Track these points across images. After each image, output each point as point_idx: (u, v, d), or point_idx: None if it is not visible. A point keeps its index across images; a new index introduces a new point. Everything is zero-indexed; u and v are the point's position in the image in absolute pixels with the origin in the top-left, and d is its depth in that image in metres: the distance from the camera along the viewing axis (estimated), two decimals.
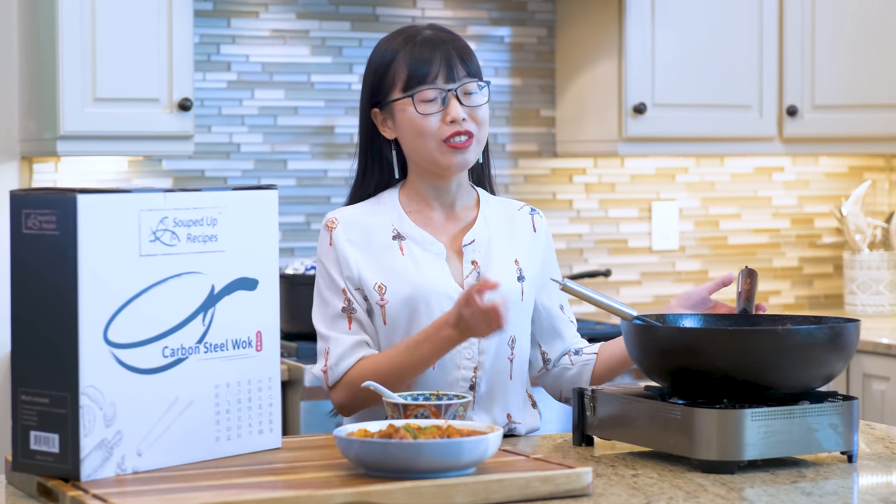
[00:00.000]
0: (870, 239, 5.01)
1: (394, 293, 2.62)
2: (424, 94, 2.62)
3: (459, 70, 2.64)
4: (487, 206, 2.75)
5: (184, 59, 4.00)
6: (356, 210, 2.70)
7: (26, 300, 2.14)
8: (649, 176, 4.96)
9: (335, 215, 2.68)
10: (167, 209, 2.20)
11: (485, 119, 2.66)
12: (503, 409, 2.67)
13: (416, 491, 2.03)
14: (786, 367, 2.32)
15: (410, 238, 2.66)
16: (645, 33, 4.51)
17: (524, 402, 2.72)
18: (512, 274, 2.68)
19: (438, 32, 2.67)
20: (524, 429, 2.70)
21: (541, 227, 2.79)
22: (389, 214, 2.68)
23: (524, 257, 2.73)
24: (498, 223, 2.74)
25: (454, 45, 2.66)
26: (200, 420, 2.25)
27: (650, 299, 4.96)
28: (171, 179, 4.37)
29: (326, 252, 2.66)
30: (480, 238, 2.70)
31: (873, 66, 4.76)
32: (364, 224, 2.66)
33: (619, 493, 2.16)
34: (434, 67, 2.62)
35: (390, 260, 2.64)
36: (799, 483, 2.24)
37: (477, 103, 2.65)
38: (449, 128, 2.62)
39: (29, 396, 2.13)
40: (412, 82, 2.63)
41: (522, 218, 2.78)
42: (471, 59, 2.66)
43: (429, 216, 2.70)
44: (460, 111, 2.62)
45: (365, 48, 4.54)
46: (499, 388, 2.66)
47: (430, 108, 2.62)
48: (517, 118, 4.77)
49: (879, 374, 4.32)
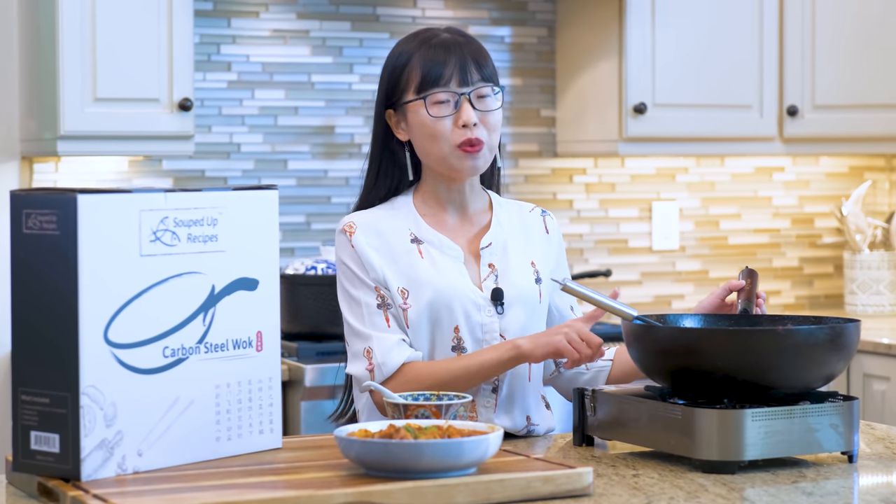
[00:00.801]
0: (870, 239, 5.01)
1: (417, 298, 2.61)
2: (437, 97, 2.62)
3: (473, 74, 2.63)
4: (500, 208, 2.75)
5: (184, 59, 4.00)
6: (372, 214, 2.68)
7: (27, 300, 2.14)
8: (649, 176, 4.96)
9: (352, 219, 2.66)
10: (167, 209, 2.20)
11: (497, 124, 2.65)
12: (522, 411, 2.67)
13: (417, 491, 2.03)
14: (786, 367, 2.32)
15: (428, 242, 2.65)
16: (645, 33, 4.51)
17: (539, 403, 2.72)
18: (530, 276, 2.69)
19: (455, 36, 2.67)
20: (542, 430, 2.70)
21: (552, 228, 2.80)
22: (405, 218, 2.67)
23: (539, 259, 2.73)
24: (512, 226, 2.74)
25: (470, 48, 2.65)
26: (201, 420, 2.25)
27: (650, 299, 4.96)
28: (172, 179, 4.37)
29: (349, 254, 2.63)
30: (497, 241, 2.70)
31: (873, 67, 4.76)
32: (381, 228, 2.65)
33: (620, 494, 2.16)
34: (448, 70, 2.62)
35: (411, 264, 2.62)
36: (799, 483, 2.24)
37: (490, 108, 2.64)
38: (461, 132, 2.61)
39: (29, 396, 2.13)
40: (425, 84, 2.62)
41: (535, 220, 2.78)
42: (486, 63, 2.65)
43: (443, 219, 2.70)
44: (472, 115, 2.61)
45: (365, 48, 4.54)
46: (518, 391, 2.67)
47: (442, 111, 2.62)
48: (517, 118, 4.77)
49: (880, 374, 4.32)
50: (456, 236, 2.68)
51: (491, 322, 2.63)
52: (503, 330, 2.63)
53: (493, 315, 2.63)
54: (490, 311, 2.63)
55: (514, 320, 2.64)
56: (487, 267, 2.67)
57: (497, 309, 2.63)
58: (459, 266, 2.65)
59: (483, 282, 2.65)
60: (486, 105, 2.64)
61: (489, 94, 2.64)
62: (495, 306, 2.63)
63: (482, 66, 2.64)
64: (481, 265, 2.67)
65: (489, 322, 2.62)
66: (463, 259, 2.66)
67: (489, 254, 2.68)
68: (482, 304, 2.62)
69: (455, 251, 2.66)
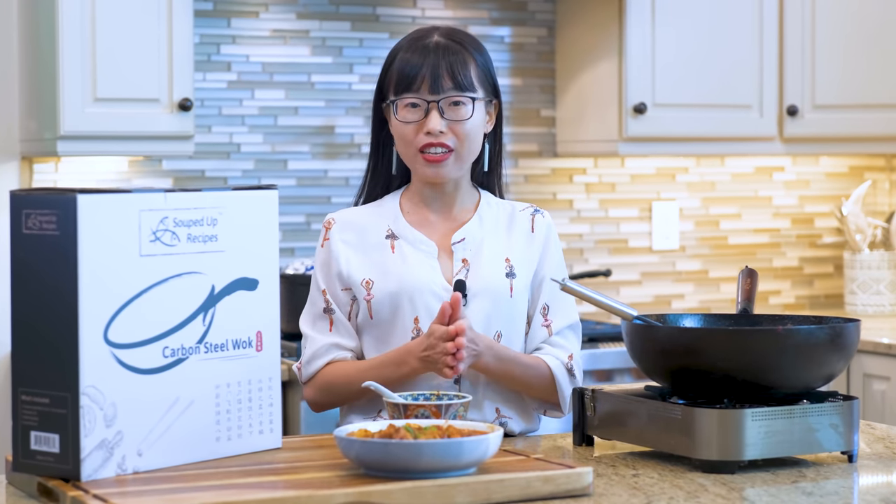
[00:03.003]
0: (870, 239, 5.00)
1: (379, 288, 2.65)
2: (407, 101, 2.65)
3: (446, 82, 2.64)
4: (487, 207, 2.76)
5: (184, 59, 4.00)
6: (356, 211, 2.75)
7: (26, 300, 2.14)
8: (649, 176, 4.96)
9: (334, 216, 2.74)
10: (167, 209, 2.20)
11: (469, 133, 2.66)
12: (492, 403, 2.67)
13: (417, 491, 2.03)
14: (786, 367, 2.32)
15: (403, 238, 2.69)
16: (645, 33, 4.51)
17: (516, 398, 2.71)
18: (500, 270, 2.69)
19: (444, 39, 2.68)
20: (517, 426, 2.69)
21: (540, 226, 2.77)
22: (387, 216, 2.72)
23: (517, 256, 2.72)
24: (495, 224, 2.74)
25: (451, 54, 2.66)
26: (201, 420, 2.25)
27: (650, 299, 4.96)
28: (172, 179, 4.37)
29: (318, 253, 2.72)
30: (472, 237, 2.71)
31: (873, 66, 4.76)
32: (360, 224, 2.71)
33: (620, 493, 2.16)
34: (420, 77, 2.64)
35: (381, 257, 2.68)
36: (799, 483, 2.24)
37: (461, 117, 2.65)
38: (425, 138, 2.64)
39: (29, 396, 2.13)
40: (399, 88, 2.66)
41: (523, 218, 2.78)
42: (464, 71, 2.66)
43: (426, 217, 2.73)
44: (438, 124, 2.63)
45: (365, 48, 4.54)
46: (487, 384, 2.66)
47: (410, 116, 2.65)
48: (517, 118, 4.77)
49: (880, 374, 4.32)
50: (434, 233, 2.71)
51: None
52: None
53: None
54: None
55: (477, 311, 2.64)
56: (461, 262, 2.69)
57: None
58: (432, 261, 2.68)
59: (455, 276, 2.67)
60: (458, 114, 2.65)
61: (465, 103, 2.65)
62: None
63: (458, 75, 2.65)
64: (454, 260, 2.69)
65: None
66: (437, 254, 2.69)
67: (462, 249, 2.70)
68: (445, 296, 2.63)
69: (429, 246, 2.69)
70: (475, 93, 2.66)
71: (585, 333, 4.30)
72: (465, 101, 2.65)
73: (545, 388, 2.67)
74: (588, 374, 4.12)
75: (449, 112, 2.64)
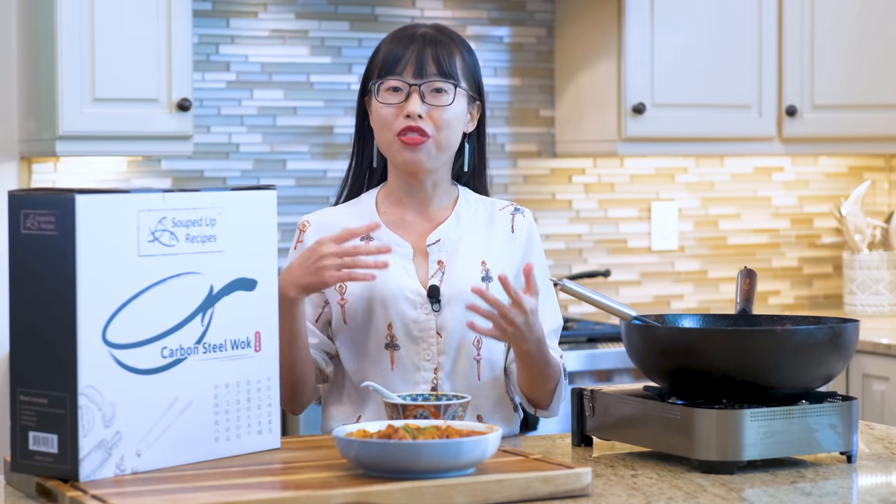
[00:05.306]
0: (869, 239, 5.00)
1: (352, 293, 2.64)
2: (389, 84, 2.64)
3: (430, 67, 2.63)
4: (466, 205, 2.73)
5: (183, 59, 4.00)
6: (332, 212, 2.74)
7: (25, 300, 2.13)
8: (649, 176, 4.96)
9: (309, 218, 2.73)
10: (166, 209, 2.20)
11: (448, 122, 2.64)
12: (473, 409, 2.64)
13: (416, 491, 2.03)
14: (785, 368, 2.32)
15: (378, 240, 2.66)
16: (644, 33, 4.51)
17: (497, 404, 2.68)
18: (475, 274, 2.66)
19: (433, 31, 2.68)
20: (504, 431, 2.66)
21: (520, 227, 2.74)
22: (363, 216, 2.69)
23: (495, 258, 2.69)
24: (473, 223, 2.72)
25: (439, 43, 2.65)
26: (199, 420, 2.25)
27: (650, 299, 4.96)
28: (170, 179, 4.37)
29: (290, 256, 2.68)
30: (448, 237, 2.69)
31: (873, 66, 4.76)
32: (335, 225, 2.66)
33: (619, 494, 2.16)
34: (404, 60, 2.64)
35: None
36: (798, 483, 2.24)
37: (442, 103, 2.63)
38: (403, 121, 2.62)
39: (28, 397, 2.13)
40: (382, 72, 2.65)
41: (503, 218, 2.74)
42: (449, 60, 2.64)
43: (402, 216, 2.71)
44: (417, 107, 2.62)
45: (364, 48, 4.54)
46: (466, 390, 2.63)
47: (390, 99, 2.64)
48: (516, 118, 4.77)
49: (879, 374, 4.32)
50: (410, 233, 2.69)
51: (427, 319, 2.62)
52: (439, 327, 2.62)
53: (429, 312, 2.62)
54: (427, 309, 2.62)
55: (451, 318, 2.62)
56: (436, 264, 2.67)
57: (433, 306, 2.62)
58: (407, 263, 2.65)
59: (430, 279, 2.65)
60: (439, 100, 2.63)
61: (447, 90, 2.64)
62: (432, 303, 2.62)
63: (443, 62, 2.64)
64: (430, 262, 2.67)
65: (425, 319, 2.62)
66: (412, 256, 2.67)
67: (437, 250, 2.68)
68: (419, 302, 2.62)
69: (404, 248, 2.66)
70: (458, 82, 2.65)
71: (585, 333, 4.31)
72: (447, 88, 2.63)
73: (554, 387, 2.66)
74: (587, 375, 4.12)
75: (430, 97, 2.63)
